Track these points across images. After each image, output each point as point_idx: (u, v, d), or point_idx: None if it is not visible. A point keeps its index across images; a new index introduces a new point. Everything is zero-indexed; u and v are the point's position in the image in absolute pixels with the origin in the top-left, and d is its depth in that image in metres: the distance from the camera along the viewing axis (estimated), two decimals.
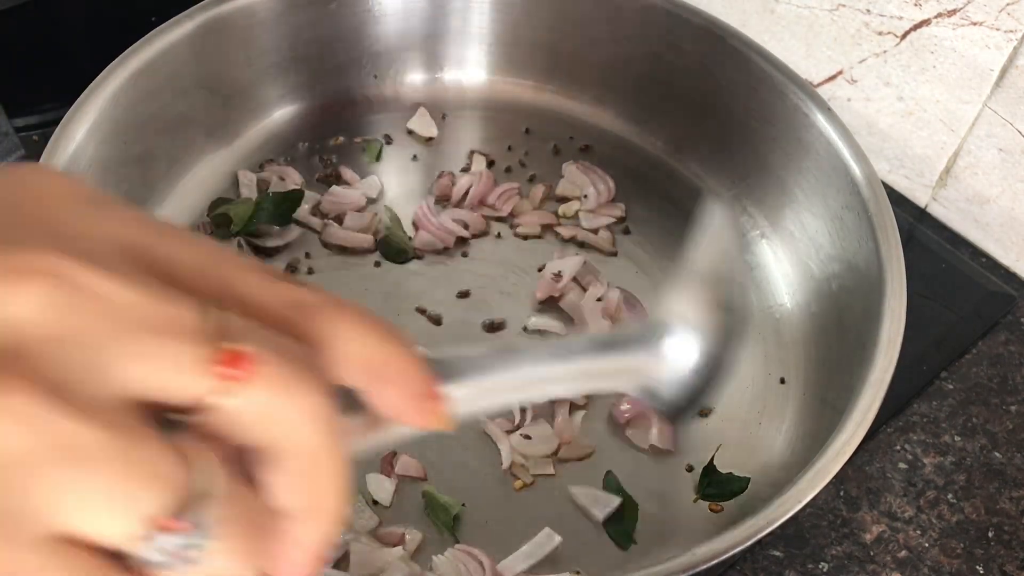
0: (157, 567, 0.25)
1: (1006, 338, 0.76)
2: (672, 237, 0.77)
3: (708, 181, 0.80)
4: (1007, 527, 0.66)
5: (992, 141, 0.78)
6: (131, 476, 0.23)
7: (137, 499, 0.23)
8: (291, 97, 0.82)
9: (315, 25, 0.79)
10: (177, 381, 0.24)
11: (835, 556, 0.63)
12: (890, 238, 0.64)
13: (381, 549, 0.58)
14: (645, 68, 0.81)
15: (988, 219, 0.81)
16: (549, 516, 0.61)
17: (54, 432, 0.22)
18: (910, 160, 0.84)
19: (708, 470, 0.64)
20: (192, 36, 0.72)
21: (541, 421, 0.66)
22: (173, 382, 0.24)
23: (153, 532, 0.24)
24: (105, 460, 0.23)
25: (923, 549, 0.64)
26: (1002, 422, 0.71)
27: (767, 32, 0.86)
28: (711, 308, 0.46)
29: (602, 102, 0.85)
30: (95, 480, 0.23)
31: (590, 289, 0.72)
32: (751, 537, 0.51)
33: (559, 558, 0.60)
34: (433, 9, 0.82)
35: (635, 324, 0.52)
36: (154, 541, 0.24)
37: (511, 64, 0.85)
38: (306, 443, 0.26)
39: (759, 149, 0.76)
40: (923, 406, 0.71)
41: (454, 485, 0.62)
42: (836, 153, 0.69)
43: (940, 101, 0.79)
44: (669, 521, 0.62)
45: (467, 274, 0.74)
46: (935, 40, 0.77)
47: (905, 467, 0.68)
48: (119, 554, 0.24)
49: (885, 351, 0.58)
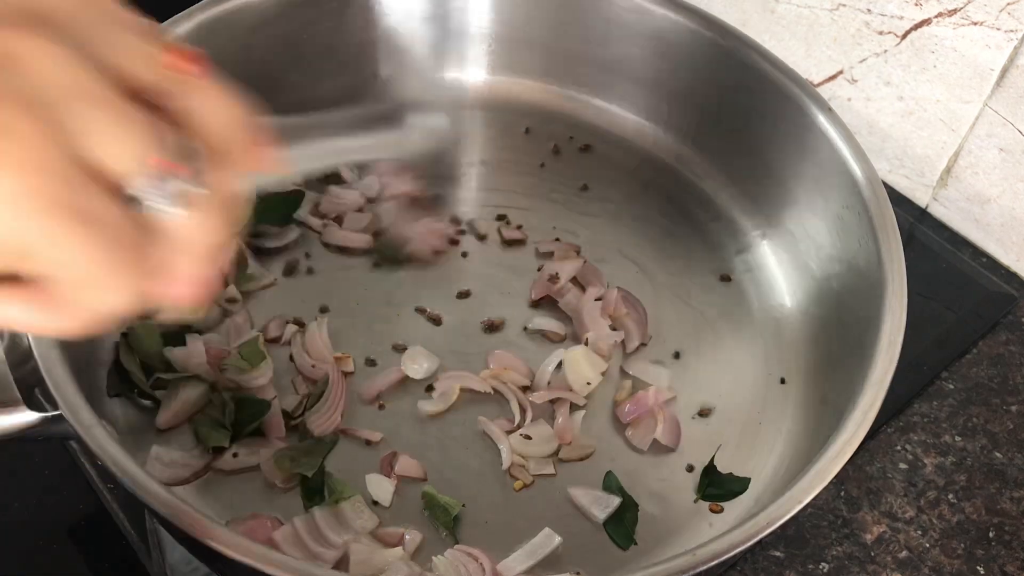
0: (157, 210, 0.32)
1: (1006, 338, 0.76)
2: (672, 237, 0.78)
3: (708, 181, 0.80)
4: (1008, 527, 0.66)
5: (992, 141, 0.78)
6: (134, 119, 0.31)
7: (141, 136, 0.31)
8: (291, 97, 0.81)
9: (315, 25, 0.79)
10: (148, 64, 0.34)
11: (835, 556, 0.63)
12: (890, 238, 0.64)
13: (381, 549, 0.58)
14: (645, 68, 0.81)
15: (988, 219, 0.81)
16: (549, 516, 0.61)
17: (78, 76, 0.31)
18: (910, 160, 0.84)
19: (708, 470, 0.64)
20: (192, 36, 0.72)
21: (541, 421, 0.66)
22: (143, 65, 0.33)
23: (158, 171, 0.32)
24: (112, 106, 0.31)
25: (924, 549, 0.64)
26: (1002, 422, 0.71)
27: (767, 32, 0.86)
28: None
29: (602, 102, 0.85)
30: (107, 115, 0.31)
31: (589, 289, 0.72)
32: (752, 537, 0.51)
33: (559, 558, 0.60)
34: (433, 9, 0.83)
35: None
36: (159, 182, 0.32)
37: (511, 64, 0.85)
38: (238, 135, 0.37)
39: (759, 149, 0.76)
40: (923, 406, 0.71)
41: (454, 485, 0.62)
42: (836, 153, 0.69)
43: (940, 101, 0.79)
44: (669, 521, 0.62)
45: (467, 274, 0.74)
46: (935, 40, 0.77)
47: (906, 467, 0.68)
48: (129, 199, 0.32)
49: (885, 351, 0.58)
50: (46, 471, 0.65)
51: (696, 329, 0.72)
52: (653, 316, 0.72)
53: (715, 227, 0.78)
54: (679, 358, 0.70)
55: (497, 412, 0.66)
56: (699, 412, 0.67)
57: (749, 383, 0.69)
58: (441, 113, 0.54)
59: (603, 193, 0.80)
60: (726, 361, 0.70)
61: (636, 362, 0.69)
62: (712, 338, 0.72)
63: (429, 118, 0.54)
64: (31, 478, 0.65)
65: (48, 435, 0.54)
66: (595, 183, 0.81)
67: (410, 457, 0.63)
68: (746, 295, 0.74)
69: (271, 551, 0.47)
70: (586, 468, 0.64)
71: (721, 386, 0.69)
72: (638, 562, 0.60)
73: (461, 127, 0.85)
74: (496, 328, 0.71)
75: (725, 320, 0.73)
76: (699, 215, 0.79)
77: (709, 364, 0.70)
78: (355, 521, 0.59)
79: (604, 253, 0.76)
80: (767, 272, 0.75)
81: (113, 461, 0.49)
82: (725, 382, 0.69)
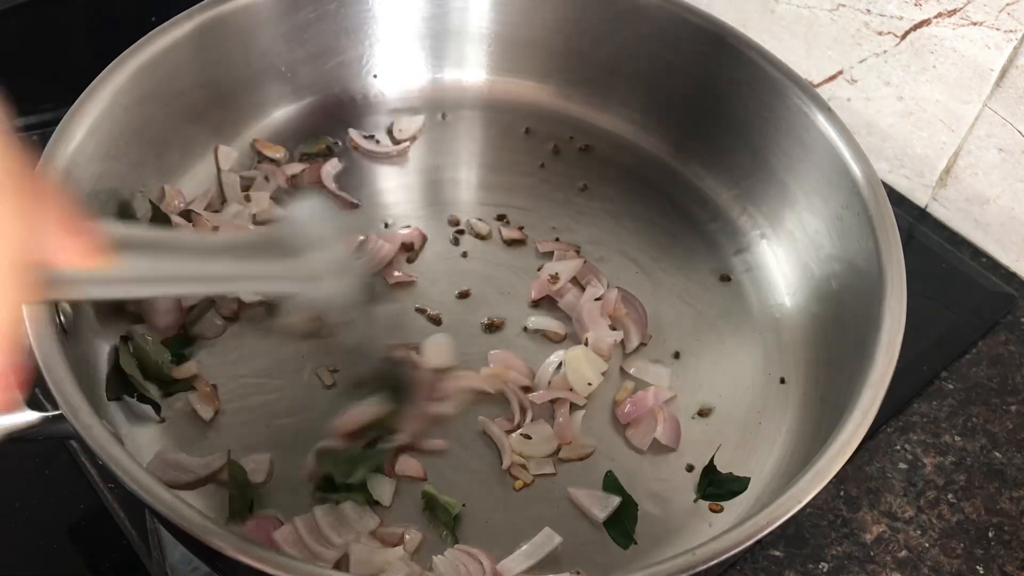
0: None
1: (1006, 338, 0.76)
2: (672, 237, 0.78)
3: (708, 181, 0.80)
4: (1007, 527, 0.66)
5: (992, 141, 0.78)
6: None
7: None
8: (291, 97, 0.82)
9: (315, 25, 0.79)
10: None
11: (835, 556, 0.63)
12: (890, 238, 0.64)
13: (381, 549, 0.58)
14: (645, 68, 0.81)
15: (988, 219, 0.81)
16: (549, 516, 0.61)
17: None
18: (910, 160, 0.84)
19: (708, 470, 0.64)
20: (192, 36, 0.72)
21: (541, 421, 0.66)
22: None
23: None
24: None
25: (923, 549, 0.64)
26: (1002, 422, 0.71)
27: (767, 32, 0.87)
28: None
29: (602, 102, 0.85)
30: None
31: (588, 289, 0.72)
32: (751, 537, 0.51)
33: (559, 558, 0.60)
34: (433, 9, 0.83)
35: (283, 229, 0.57)
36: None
37: (511, 64, 0.85)
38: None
39: (759, 149, 0.76)
40: (923, 406, 0.71)
41: (454, 485, 0.62)
42: (836, 153, 0.69)
43: (940, 101, 0.79)
44: (669, 521, 0.62)
45: (467, 274, 0.74)
46: (935, 40, 0.77)
47: (905, 467, 0.68)
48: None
49: (885, 351, 0.58)
50: (46, 471, 0.65)
51: (696, 329, 0.72)
52: (653, 316, 0.72)
53: (715, 227, 0.78)
54: (679, 358, 0.70)
55: (497, 412, 0.66)
56: (699, 412, 0.67)
57: (749, 383, 0.69)
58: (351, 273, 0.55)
59: (603, 193, 0.80)
60: (726, 361, 0.70)
61: (636, 362, 0.69)
62: (712, 338, 0.72)
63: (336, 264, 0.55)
64: (31, 478, 0.65)
65: (48, 435, 0.54)
66: (595, 183, 0.81)
67: (410, 456, 0.63)
68: (746, 295, 0.74)
69: (271, 551, 0.47)
70: (586, 468, 0.64)
71: (721, 386, 0.69)
72: (638, 562, 0.60)
73: (461, 127, 0.85)
74: (496, 328, 0.71)
75: (725, 320, 0.73)
76: (699, 215, 0.79)
77: (709, 364, 0.70)
78: (356, 521, 0.59)
79: (604, 253, 0.76)
80: (767, 272, 0.75)
81: (113, 461, 0.49)
82: (725, 382, 0.69)
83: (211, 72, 0.75)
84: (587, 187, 0.80)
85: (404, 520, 0.61)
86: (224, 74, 0.76)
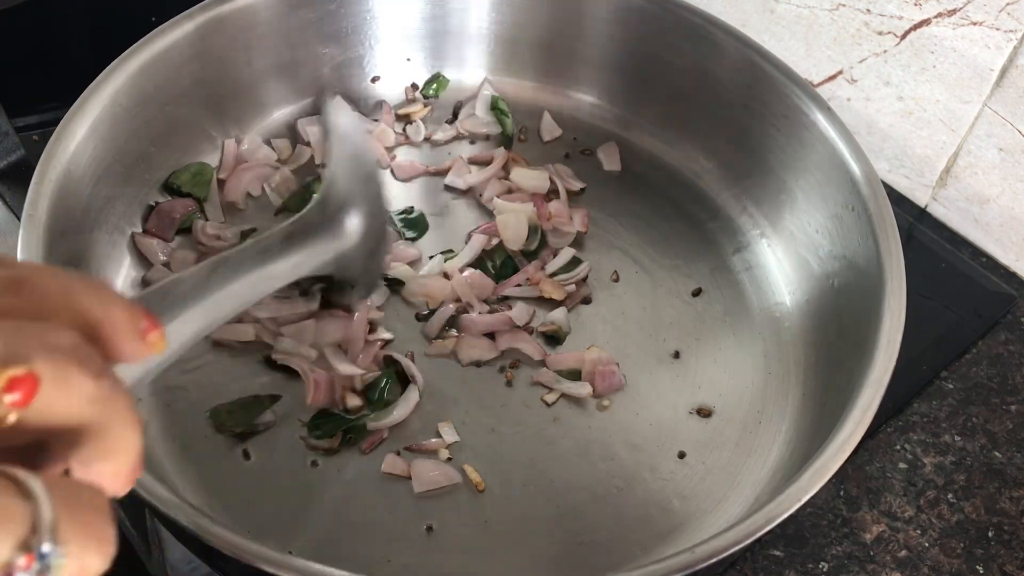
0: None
1: (1006, 338, 0.76)
2: (672, 236, 0.78)
3: (707, 180, 0.80)
4: (1007, 527, 0.66)
5: (992, 141, 0.78)
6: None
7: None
8: (291, 97, 0.82)
9: (315, 25, 0.79)
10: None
11: (835, 556, 0.63)
12: (890, 238, 0.64)
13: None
14: (645, 68, 0.81)
15: (988, 219, 0.81)
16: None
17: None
18: (910, 160, 0.84)
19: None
20: (192, 36, 0.72)
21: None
22: None
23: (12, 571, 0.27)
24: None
25: (923, 549, 0.64)
26: (1002, 422, 0.71)
27: (767, 32, 0.87)
28: (362, 182, 0.59)
29: (602, 102, 0.85)
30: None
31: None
32: (751, 535, 0.51)
33: (538, 570, 0.60)
34: (433, 9, 0.83)
35: (313, 210, 0.58)
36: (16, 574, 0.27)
37: (511, 64, 0.85)
38: (97, 417, 0.30)
39: (759, 149, 0.76)
40: (923, 406, 0.71)
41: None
42: (836, 153, 0.69)
43: (940, 101, 0.79)
44: (668, 520, 0.62)
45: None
46: (935, 40, 0.77)
47: (905, 467, 0.68)
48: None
49: (885, 350, 0.58)
50: None
51: (696, 329, 0.72)
52: (653, 316, 0.72)
53: (714, 226, 0.78)
54: (679, 358, 0.70)
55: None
56: (699, 412, 0.67)
57: (749, 382, 0.69)
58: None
59: (603, 193, 0.80)
60: (726, 361, 0.70)
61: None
62: (712, 338, 0.72)
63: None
64: None
65: None
66: (595, 183, 0.81)
67: (397, 457, 0.63)
68: (746, 294, 0.74)
69: (271, 551, 0.47)
70: (581, 464, 0.64)
71: (721, 386, 0.69)
72: (638, 561, 0.60)
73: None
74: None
75: (725, 320, 0.73)
76: (698, 214, 0.79)
77: (709, 364, 0.70)
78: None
79: (604, 252, 0.76)
80: (767, 271, 0.75)
81: None
82: (725, 382, 0.69)
83: (211, 72, 0.75)
84: (587, 187, 0.80)
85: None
86: (224, 74, 0.76)
